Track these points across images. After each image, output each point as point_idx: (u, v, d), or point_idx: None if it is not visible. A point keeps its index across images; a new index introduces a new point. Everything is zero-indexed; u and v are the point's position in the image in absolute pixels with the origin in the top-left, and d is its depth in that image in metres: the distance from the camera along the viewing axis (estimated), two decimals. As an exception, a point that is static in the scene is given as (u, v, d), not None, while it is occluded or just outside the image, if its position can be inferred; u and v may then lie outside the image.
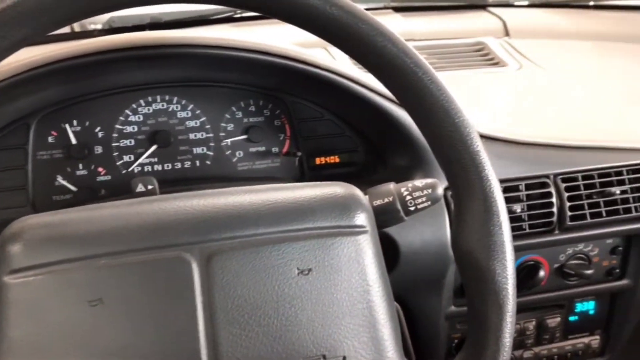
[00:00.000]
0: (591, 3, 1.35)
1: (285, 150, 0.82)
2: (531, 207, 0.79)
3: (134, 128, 0.77)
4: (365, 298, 0.48)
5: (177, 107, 0.78)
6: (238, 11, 1.13)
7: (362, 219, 0.50)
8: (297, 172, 0.82)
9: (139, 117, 0.77)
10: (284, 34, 1.02)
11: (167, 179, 0.78)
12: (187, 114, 0.79)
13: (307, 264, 0.47)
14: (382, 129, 0.78)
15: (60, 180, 0.75)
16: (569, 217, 0.80)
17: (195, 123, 0.79)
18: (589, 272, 0.83)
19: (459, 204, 0.49)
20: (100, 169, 0.76)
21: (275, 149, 0.81)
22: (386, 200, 0.54)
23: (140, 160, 0.77)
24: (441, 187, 0.55)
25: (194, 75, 0.77)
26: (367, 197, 0.53)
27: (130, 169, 0.77)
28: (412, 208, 0.54)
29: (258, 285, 0.46)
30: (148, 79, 0.76)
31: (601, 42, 1.21)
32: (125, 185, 0.73)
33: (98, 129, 0.76)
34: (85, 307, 0.44)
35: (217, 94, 0.79)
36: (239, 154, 0.80)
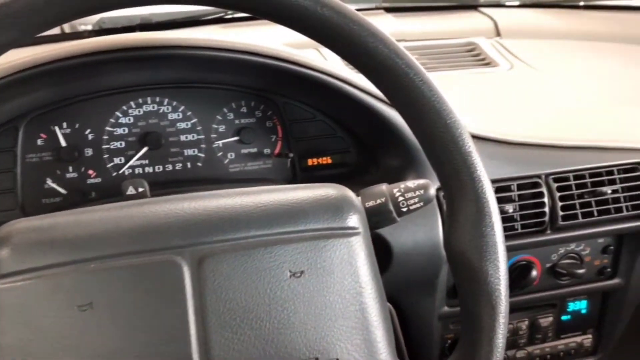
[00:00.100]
0: (581, 3, 1.36)
1: (277, 151, 0.81)
2: (523, 207, 0.80)
3: (124, 130, 0.77)
4: (358, 300, 0.48)
5: (168, 109, 0.78)
6: (229, 12, 1.13)
7: (354, 220, 0.50)
8: (289, 173, 0.82)
9: (129, 119, 0.77)
10: (275, 35, 1.02)
11: (158, 181, 0.77)
12: (178, 115, 0.78)
13: (299, 266, 0.47)
14: (374, 129, 0.77)
15: (50, 183, 0.74)
16: (560, 216, 0.80)
17: (186, 125, 0.79)
18: (580, 271, 0.84)
19: (451, 204, 0.49)
20: (90, 172, 0.76)
21: (267, 151, 0.81)
22: (378, 201, 0.53)
23: (131, 162, 0.77)
24: (433, 188, 0.55)
25: (184, 76, 0.77)
26: (359, 198, 0.53)
27: (120, 172, 0.76)
28: (405, 209, 0.54)
29: (250, 288, 0.46)
30: (138, 80, 0.76)
31: (592, 42, 1.22)
32: (116, 187, 0.72)
33: (88, 131, 0.75)
34: (75, 312, 0.44)
35: (208, 96, 0.79)
36: (231, 156, 0.80)
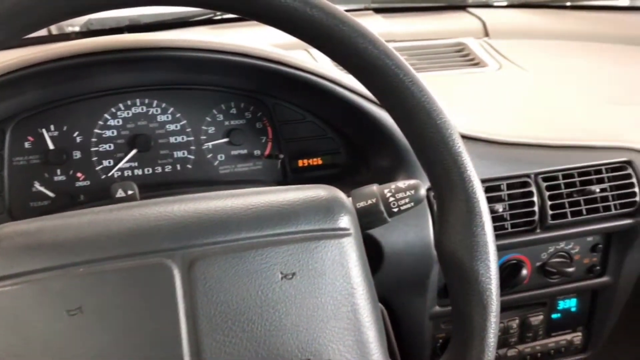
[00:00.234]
0: (568, 3, 1.37)
1: (267, 152, 0.81)
2: (513, 207, 0.80)
3: (113, 132, 0.76)
4: (350, 301, 0.48)
5: (157, 111, 0.77)
6: (218, 13, 1.12)
7: (345, 221, 0.50)
8: (279, 174, 0.81)
9: (118, 121, 0.76)
10: (264, 36, 1.02)
11: (148, 183, 0.77)
12: (167, 117, 0.78)
13: (290, 268, 0.47)
14: (364, 130, 0.77)
15: (38, 187, 0.73)
16: (550, 215, 0.81)
17: (176, 126, 0.78)
18: (570, 269, 0.84)
19: (442, 204, 0.49)
20: (79, 174, 0.75)
21: (257, 152, 0.81)
22: (369, 202, 0.53)
23: (120, 165, 0.76)
24: (424, 188, 0.55)
25: (173, 78, 0.76)
26: (350, 199, 0.53)
27: (109, 174, 0.76)
28: (396, 209, 0.54)
29: (241, 291, 0.46)
30: (127, 82, 0.75)
31: (579, 42, 1.23)
32: (105, 190, 0.71)
33: (76, 133, 0.75)
34: (64, 317, 0.43)
35: (198, 97, 0.79)
36: (221, 158, 0.80)
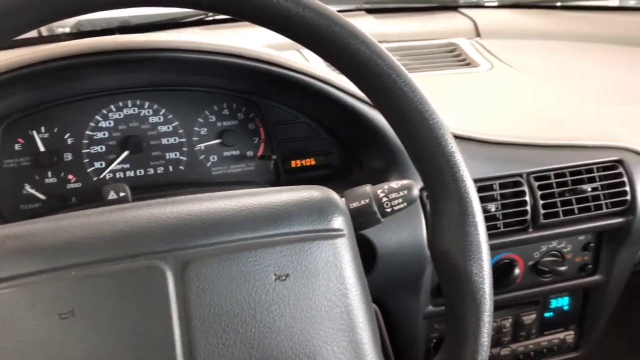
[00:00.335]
0: (559, 4, 1.38)
1: (260, 153, 0.81)
2: (505, 206, 0.80)
3: (104, 134, 0.76)
4: (344, 302, 0.48)
5: (148, 112, 0.77)
6: (209, 14, 1.12)
7: (339, 222, 0.50)
8: (272, 175, 0.81)
9: (109, 123, 0.76)
10: (256, 37, 1.02)
11: (140, 185, 0.76)
12: (159, 118, 0.77)
13: (284, 269, 0.47)
14: (357, 130, 0.77)
15: (29, 189, 0.73)
16: (542, 215, 0.81)
17: (168, 128, 0.78)
18: (562, 268, 0.85)
19: (435, 204, 0.49)
20: (70, 177, 0.75)
21: (249, 153, 0.81)
22: (362, 202, 0.53)
23: (112, 166, 0.76)
24: (417, 188, 0.55)
25: (165, 79, 0.76)
26: (343, 199, 0.53)
27: (101, 176, 0.76)
28: (389, 209, 0.54)
29: (235, 293, 0.45)
30: (118, 83, 0.75)
31: (570, 42, 1.23)
32: (97, 192, 0.71)
33: (67, 135, 0.74)
34: (56, 320, 0.43)
35: (190, 98, 0.78)
36: (213, 159, 0.79)
